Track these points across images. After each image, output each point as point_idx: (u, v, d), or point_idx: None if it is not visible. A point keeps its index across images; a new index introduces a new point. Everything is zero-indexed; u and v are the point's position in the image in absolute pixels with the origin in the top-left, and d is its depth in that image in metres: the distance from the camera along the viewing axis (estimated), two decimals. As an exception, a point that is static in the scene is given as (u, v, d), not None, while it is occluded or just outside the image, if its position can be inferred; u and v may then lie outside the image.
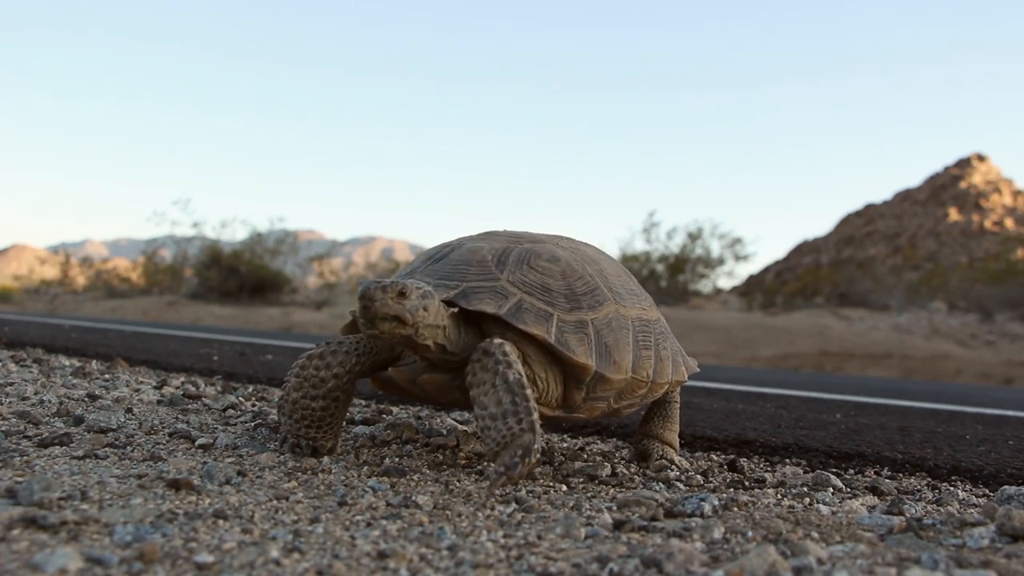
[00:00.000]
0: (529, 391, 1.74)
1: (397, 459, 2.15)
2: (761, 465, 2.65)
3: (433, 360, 1.94)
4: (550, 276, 2.04)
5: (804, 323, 16.21)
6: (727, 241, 23.35)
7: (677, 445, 2.48)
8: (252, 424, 2.49)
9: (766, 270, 44.75)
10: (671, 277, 23.23)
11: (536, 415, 1.72)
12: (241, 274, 25.24)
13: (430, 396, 2.06)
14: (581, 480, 2.09)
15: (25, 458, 1.84)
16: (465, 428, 2.75)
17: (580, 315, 2.00)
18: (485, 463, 2.13)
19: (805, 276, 28.24)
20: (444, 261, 2.10)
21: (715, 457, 2.73)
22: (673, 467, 2.33)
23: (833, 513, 1.83)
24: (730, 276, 24.85)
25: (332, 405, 1.98)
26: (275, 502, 1.61)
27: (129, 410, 2.72)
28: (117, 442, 2.11)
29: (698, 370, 2.45)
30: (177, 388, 3.59)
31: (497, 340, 1.83)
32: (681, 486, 2.13)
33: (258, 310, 21.35)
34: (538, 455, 1.72)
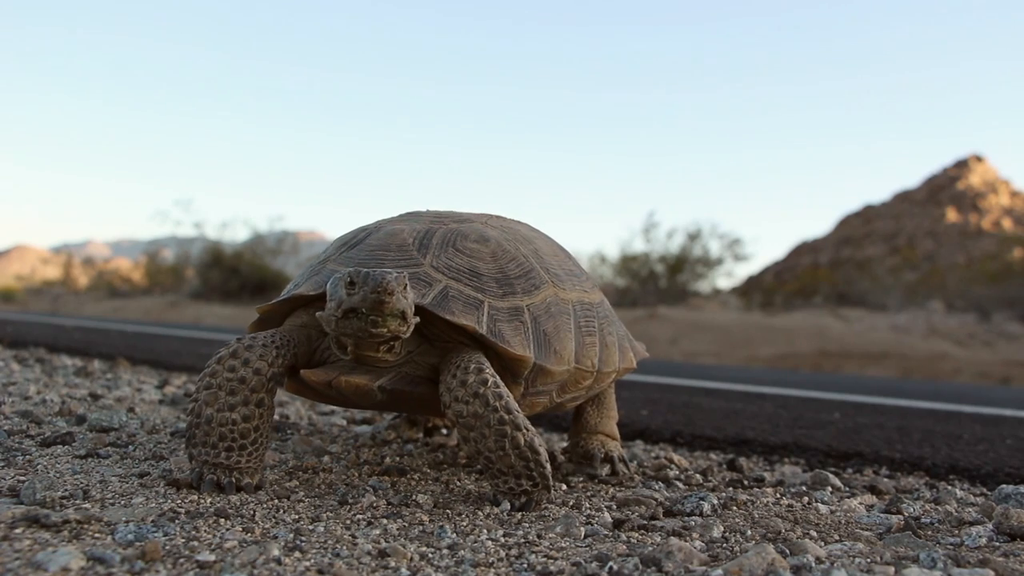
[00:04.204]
0: (540, 446, 1.62)
1: (398, 458, 2.16)
2: (760, 464, 2.66)
3: (369, 362, 1.69)
4: (479, 259, 1.83)
5: (803, 323, 16.21)
6: (726, 241, 23.35)
7: (617, 435, 2.28)
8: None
9: (765, 270, 44.78)
10: (670, 277, 23.23)
11: (548, 468, 1.64)
12: (242, 274, 25.24)
13: (349, 400, 1.80)
14: (581, 479, 2.09)
15: (28, 457, 1.85)
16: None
17: (514, 301, 1.80)
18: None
19: (804, 276, 28.27)
20: (360, 247, 1.88)
21: (714, 456, 2.74)
22: (621, 462, 2.17)
23: (832, 512, 1.84)
24: (729, 276, 24.88)
25: (256, 414, 1.62)
26: (276, 501, 1.61)
27: (131, 409, 2.73)
28: (119, 441, 2.12)
29: (647, 355, 2.29)
30: (179, 387, 3.60)
31: (480, 373, 1.62)
32: (680, 485, 2.14)
33: (258, 310, 21.33)
34: (545, 501, 1.70)
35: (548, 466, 1.64)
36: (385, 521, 1.52)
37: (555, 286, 1.93)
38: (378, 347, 1.63)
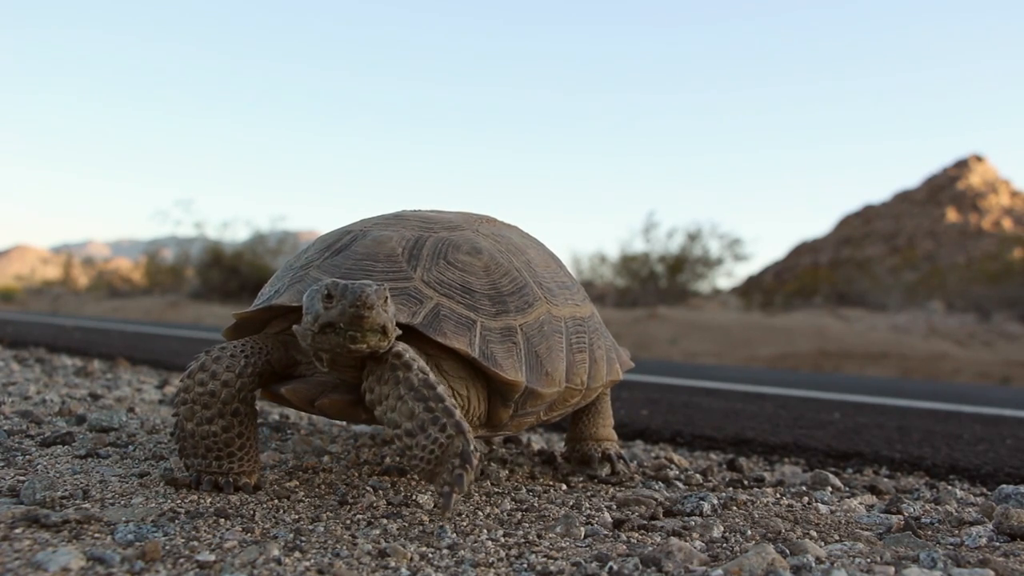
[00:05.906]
0: (441, 388, 1.47)
1: (398, 458, 2.16)
2: (760, 464, 2.66)
3: (349, 378, 1.60)
4: (471, 273, 1.75)
5: (803, 323, 16.22)
6: (726, 241, 23.36)
7: (615, 437, 2.26)
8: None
9: (765, 270, 44.80)
10: (670, 277, 23.24)
11: (459, 413, 1.44)
12: (242, 274, 25.26)
13: (331, 417, 1.76)
14: (581, 479, 2.09)
15: (27, 457, 1.85)
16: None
17: (507, 320, 1.73)
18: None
19: (804, 276, 28.29)
20: (346, 253, 1.78)
21: (714, 456, 2.74)
22: (620, 460, 2.15)
23: (832, 512, 1.84)
24: (729, 276, 24.90)
25: (234, 423, 1.60)
26: (276, 501, 1.61)
27: (131, 409, 2.73)
28: (119, 441, 2.12)
29: (632, 365, 2.26)
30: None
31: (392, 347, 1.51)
32: (680, 485, 2.14)
33: (258, 310, 21.31)
34: (478, 455, 1.48)
35: (454, 406, 1.45)
36: (385, 521, 1.52)
37: (548, 302, 1.86)
38: (356, 362, 1.53)
